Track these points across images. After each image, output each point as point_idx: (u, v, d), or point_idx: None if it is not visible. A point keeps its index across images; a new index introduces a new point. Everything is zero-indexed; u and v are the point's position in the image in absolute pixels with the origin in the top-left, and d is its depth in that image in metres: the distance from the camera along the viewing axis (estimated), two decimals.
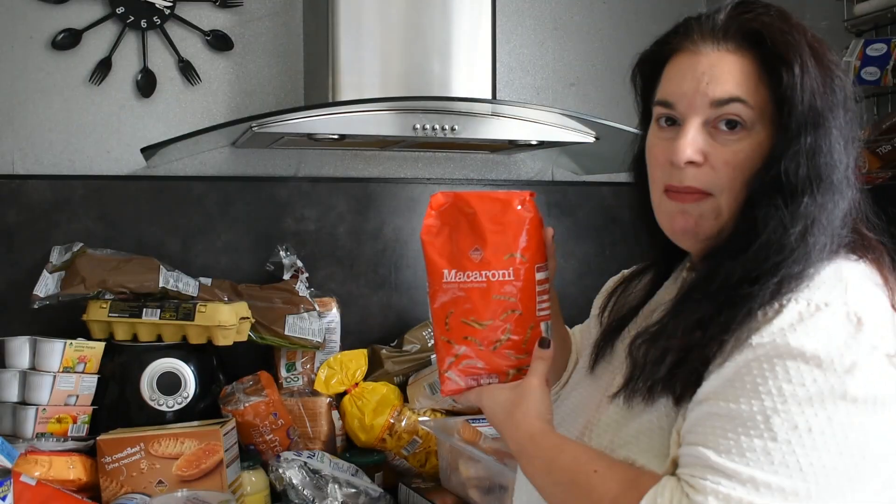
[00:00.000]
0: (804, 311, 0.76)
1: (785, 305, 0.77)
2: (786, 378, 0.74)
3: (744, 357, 0.76)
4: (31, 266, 1.79)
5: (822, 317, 0.76)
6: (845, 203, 0.83)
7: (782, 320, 0.76)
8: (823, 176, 0.82)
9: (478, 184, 2.15)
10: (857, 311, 0.76)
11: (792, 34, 0.84)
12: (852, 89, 0.86)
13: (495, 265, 0.92)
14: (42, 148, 1.87)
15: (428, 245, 0.95)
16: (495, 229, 0.92)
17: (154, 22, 1.89)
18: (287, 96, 2.01)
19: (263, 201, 1.98)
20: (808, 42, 0.84)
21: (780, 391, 0.74)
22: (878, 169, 1.64)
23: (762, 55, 0.84)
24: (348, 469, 1.68)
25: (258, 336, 1.77)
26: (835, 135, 0.82)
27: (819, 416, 0.73)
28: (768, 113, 0.83)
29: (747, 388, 0.75)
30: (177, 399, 1.66)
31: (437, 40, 1.78)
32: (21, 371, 1.62)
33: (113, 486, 1.50)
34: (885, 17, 1.69)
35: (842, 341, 0.75)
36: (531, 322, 0.93)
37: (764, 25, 0.85)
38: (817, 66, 0.83)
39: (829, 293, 0.78)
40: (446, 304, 0.93)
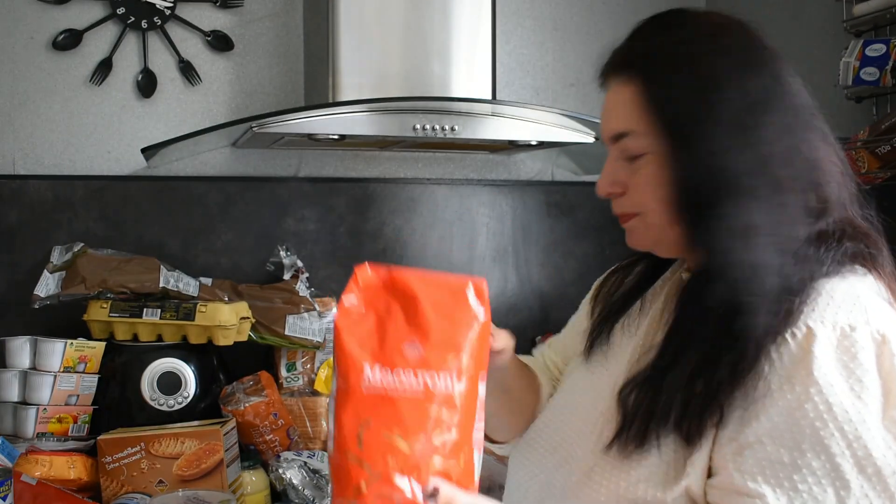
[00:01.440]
0: (834, 338, 0.76)
1: (814, 329, 0.76)
2: (845, 418, 0.74)
3: (795, 396, 0.75)
4: (31, 266, 1.79)
5: (856, 344, 0.76)
6: (788, 205, 0.81)
7: (821, 350, 0.75)
8: (717, 183, 0.80)
9: (478, 184, 2.15)
10: (880, 330, 0.76)
11: (667, 48, 0.85)
12: (760, 83, 0.83)
13: (436, 366, 0.73)
14: (43, 148, 1.87)
15: (343, 332, 0.74)
16: (441, 323, 0.75)
17: (154, 22, 1.90)
18: (287, 96, 2.01)
19: (263, 201, 1.99)
20: (687, 50, 0.84)
21: (842, 433, 0.73)
22: (877, 169, 1.64)
23: (642, 78, 0.86)
24: None
25: (258, 336, 1.78)
26: (717, 143, 0.81)
27: (886, 454, 0.73)
28: (662, 132, 0.84)
29: (807, 434, 0.74)
30: (177, 399, 1.66)
31: (437, 40, 1.78)
32: (22, 371, 1.62)
33: (113, 486, 1.50)
34: (884, 17, 1.69)
35: (874, 366, 0.75)
36: (465, 448, 0.74)
37: (641, 48, 0.87)
38: (690, 75, 0.83)
39: (851, 315, 0.77)
40: (362, 412, 0.71)
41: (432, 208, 2.10)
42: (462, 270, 2.13)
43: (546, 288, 2.18)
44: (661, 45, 0.86)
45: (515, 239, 2.17)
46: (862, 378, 0.74)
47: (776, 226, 0.80)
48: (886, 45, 1.65)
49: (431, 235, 2.11)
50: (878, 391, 0.74)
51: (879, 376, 0.75)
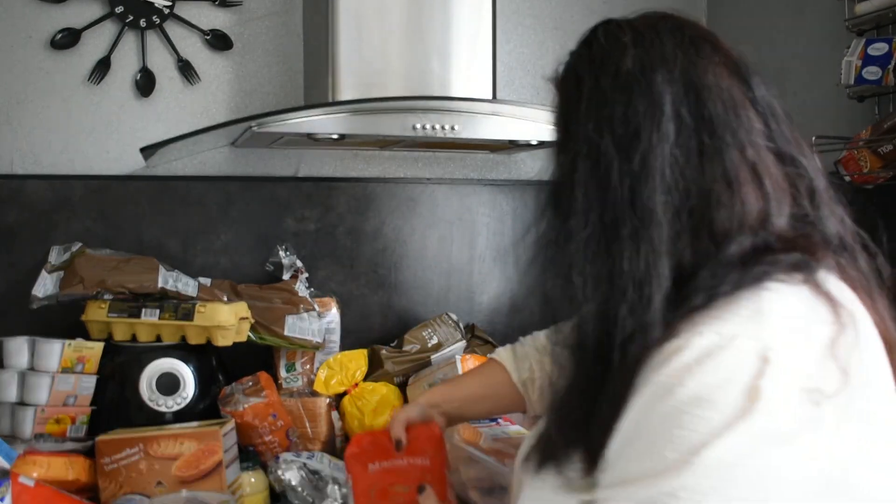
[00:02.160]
0: (708, 347, 0.72)
1: (690, 339, 0.73)
2: (679, 425, 0.70)
3: (644, 398, 0.73)
4: (30, 266, 1.78)
5: (726, 354, 0.71)
6: (574, 219, 0.81)
7: (684, 357, 0.72)
8: (558, 206, 0.84)
9: (478, 184, 2.14)
10: (767, 346, 0.71)
11: (568, 64, 0.88)
12: (630, 104, 0.81)
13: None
14: (41, 148, 1.86)
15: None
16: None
17: (153, 21, 1.89)
18: (287, 96, 2.00)
19: (263, 201, 1.98)
20: (581, 67, 0.86)
21: (673, 439, 0.70)
22: (878, 169, 1.63)
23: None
24: None
25: (258, 336, 1.77)
26: (597, 160, 0.81)
27: (708, 463, 0.68)
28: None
29: (645, 437, 0.72)
30: (176, 399, 1.65)
31: (437, 40, 1.78)
32: (19, 371, 1.61)
33: (112, 487, 1.49)
34: (886, 16, 1.68)
35: (743, 381, 0.70)
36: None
37: (561, 65, 0.89)
38: (577, 91, 0.84)
39: (739, 326, 0.72)
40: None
41: (432, 208, 2.09)
42: (462, 270, 2.13)
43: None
44: (568, 63, 0.89)
45: (515, 239, 2.16)
46: (717, 390, 0.70)
47: (571, 237, 0.81)
48: (889, 45, 1.65)
49: (431, 235, 2.10)
50: (731, 404, 0.69)
51: (742, 392, 0.69)
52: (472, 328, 2.06)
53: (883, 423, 0.75)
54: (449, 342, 1.93)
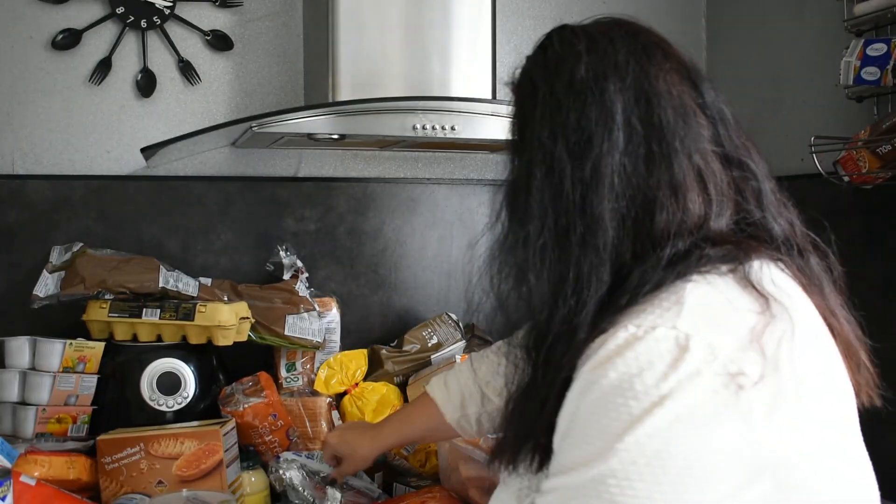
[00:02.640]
0: (629, 338, 0.73)
1: (614, 332, 0.75)
2: (605, 413, 0.72)
3: (573, 391, 0.76)
4: (31, 266, 1.78)
5: (645, 343, 0.72)
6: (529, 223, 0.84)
7: (607, 348, 0.74)
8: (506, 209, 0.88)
9: (478, 184, 2.15)
10: (687, 334, 0.72)
11: (523, 70, 0.92)
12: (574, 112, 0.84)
13: None
14: (42, 148, 1.87)
15: None
16: None
17: (154, 22, 1.89)
18: (287, 96, 2.01)
19: (263, 201, 1.98)
20: (536, 73, 0.89)
21: (601, 427, 0.72)
22: (878, 169, 1.64)
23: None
24: None
25: (258, 336, 1.77)
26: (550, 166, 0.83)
27: (632, 449, 0.70)
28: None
29: (577, 427, 0.75)
30: (177, 399, 1.66)
31: (437, 40, 1.78)
32: (21, 371, 1.61)
33: (113, 487, 1.49)
34: (885, 16, 1.68)
35: (662, 368, 0.71)
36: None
37: (517, 69, 0.93)
38: (532, 97, 0.87)
39: (659, 316, 0.74)
40: None
41: (432, 208, 2.10)
42: (462, 270, 2.13)
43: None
44: (525, 68, 0.92)
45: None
46: (637, 378, 0.71)
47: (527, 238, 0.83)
48: (887, 45, 1.65)
49: (431, 235, 2.10)
50: (651, 393, 0.70)
51: (664, 380, 0.71)
52: (471, 328, 2.06)
53: (816, 416, 0.76)
54: (449, 342, 1.94)
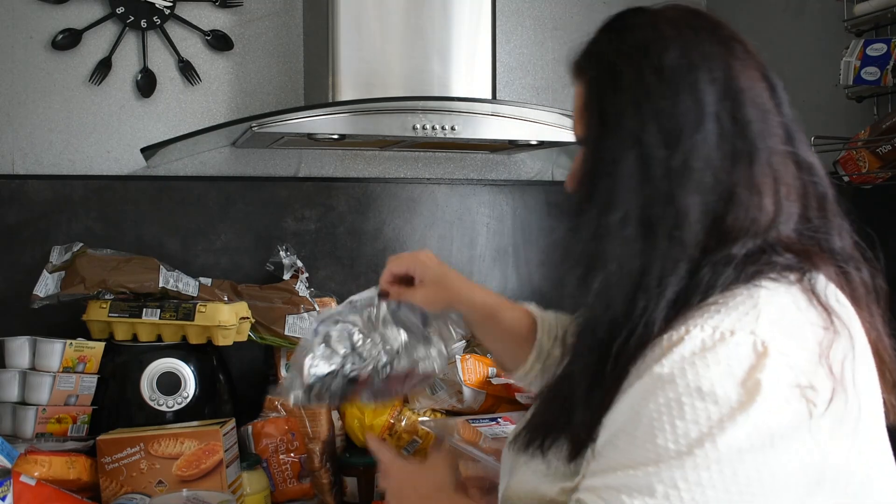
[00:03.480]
0: (707, 340, 0.73)
1: (690, 332, 0.74)
2: (680, 415, 0.71)
3: (643, 387, 0.74)
4: (31, 266, 1.78)
5: (725, 347, 0.72)
6: (611, 213, 0.80)
7: (684, 349, 0.73)
8: (601, 186, 0.82)
9: (478, 184, 2.15)
10: (764, 341, 0.72)
11: (600, 52, 0.86)
12: (680, 97, 0.80)
13: None
14: (42, 148, 1.87)
15: None
16: None
17: (154, 22, 1.89)
18: (287, 96, 2.01)
19: (263, 201, 1.98)
20: (619, 57, 0.83)
21: (673, 429, 0.71)
22: (878, 169, 1.64)
23: (586, 83, 0.87)
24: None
25: (258, 336, 1.77)
26: (641, 154, 0.79)
27: (710, 455, 0.69)
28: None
29: (643, 423, 0.73)
30: (177, 399, 1.66)
31: (437, 40, 1.78)
32: (21, 371, 1.61)
33: (113, 486, 1.49)
34: (885, 17, 1.68)
35: (741, 374, 0.70)
36: None
37: (588, 52, 0.87)
38: (616, 81, 0.82)
39: (737, 320, 0.73)
40: None
41: (432, 208, 2.10)
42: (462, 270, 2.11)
43: (546, 288, 2.17)
44: (598, 49, 0.87)
45: (515, 239, 2.16)
46: (714, 382, 0.71)
47: (610, 229, 0.80)
48: (887, 45, 1.65)
49: (431, 235, 2.10)
50: (730, 398, 0.70)
51: (741, 385, 0.70)
52: None
53: (873, 433, 0.77)
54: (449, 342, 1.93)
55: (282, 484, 1.67)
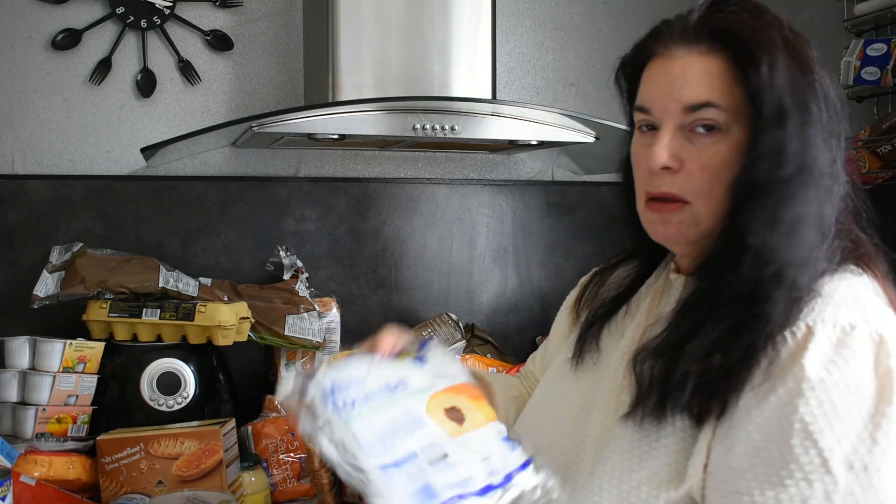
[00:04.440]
0: (833, 336, 0.76)
1: (813, 328, 0.76)
2: (834, 414, 0.73)
3: (787, 391, 0.75)
4: (31, 266, 1.79)
5: (852, 341, 0.75)
6: (831, 202, 0.82)
7: (817, 347, 0.75)
8: (796, 173, 0.80)
9: (478, 184, 2.15)
10: (878, 331, 0.76)
11: (765, 31, 0.83)
12: (833, 85, 0.84)
13: None
14: (42, 148, 1.87)
15: None
16: None
17: (154, 22, 1.89)
18: (287, 96, 2.01)
19: (263, 201, 1.98)
20: (783, 37, 0.82)
21: (831, 429, 0.73)
22: (878, 169, 1.64)
23: (733, 55, 0.82)
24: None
25: (258, 336, 1.77)
26: (810, 132, 0.80)
27: (873, 451, 0.72)
28: (744, 113, 0.82)
29: (797, 429, 0.73)
30: (177, 399, 1.66)
31: (437, 40, 1.78)
32: (21, 371, 1.61)
33: (113, 487, 1.49)
34: (885, 16, 1.69)
35: (872, 365, 0.75)
36: None
37: (733, 24, 0.83)
38: (791, 61, 0.81)
39: (851, 314, 0.77)
40: None
41: (432, 208, 2.10)
42: (462, 270, 2.13)
43: (546, 288, 2.17)
44: (753, 25, 0.83)
45: (515, 239, 2.16)
46: (857, 376, 0.74)
47: (822, 222, 0.81)
48: (887, 45, 1.65)
49: (431, 235, 2.10)
50: (871, 390, 0.74)
51: (875, 375, 0.74)
52: (472, 328, 2.06)
53: None
54: (449, 342, 1.94)
55: (282, 484, 1.67)
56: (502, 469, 0.77)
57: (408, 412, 0.80)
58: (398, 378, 0.84)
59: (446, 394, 0.84)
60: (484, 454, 0.78)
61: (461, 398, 0.84)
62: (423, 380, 0.85)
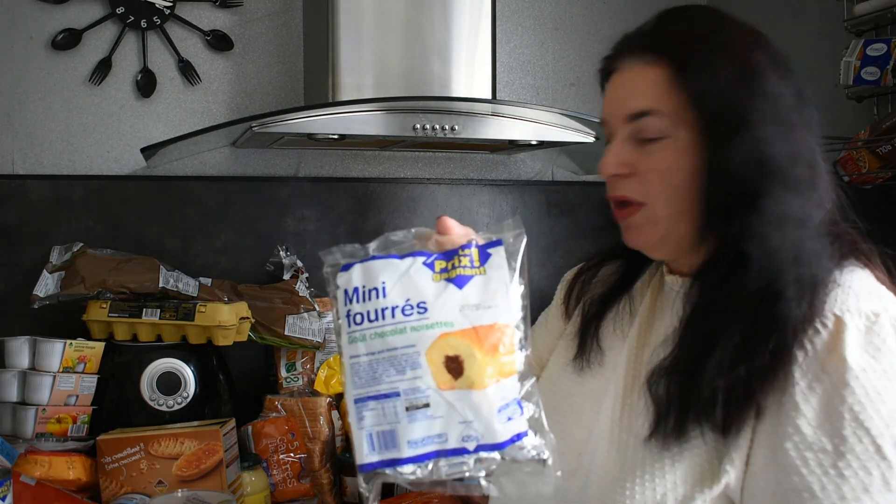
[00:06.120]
0: (861, 325, 0.78)
1: (843, 318, 0.78)
2: (879, 399, 0.75)
3: (832, 383, 0.76)
4: (31, 266, 1.78)
5: (882, 329, 0.78)
6: (811, 195, 0.83)
7: (852, 337, 0.77)
8: (756, 172, 0.81)
9: (478, 184, 2.15)
10: (893, 315, 0.79)
11: (705, 37, 0.86)
12: (786, 83, 0.84)
13: None
14: (42, 148, 1.87)
15: None
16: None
17: (154, 22, 1.89)
18: (287, 96, 2.01)
19: (263, 201, 1.98)
20: (726, 42, 0.85)
21: (879, 414, 0.74)
22: (878, 169, 1.64)
23: (674, 62, 0.85)
24: None
25: (258, 336, 1.77)
26: (760, 131, 0.81)
27: None
28: (689, 117, 0.84)
29: (847, 419, 0.75)
30: (177, 399, 1.66)
31: (437, 40, 1.78)
32: (21, 371, 1.61)
33: (113, 487, 1.50)
34: (885, 17, 1.68)
35: None
36: None
37: (675, 32, 0.87)
38: (731, 64, 0.83)
39: (871, 303, 0.79)
40: None
41: (432, 208, 2.10)
42: None
43: (546, 288, 2.17)
44: (695, 32, 0.86)
45: None
46: (892, 361, 0.76)
47: (809, 217, 0.82)
48: (887, 45, 1.65)
49: None
50: None
51: None
52: None
53: None
54: None
55: (282, 484, 1.67)
56: (479, 438, 0.72)
57: (408, 347, 0.74)
58: (421, 298, 0.76)
59: (459, 337, 0.75)
60: (465, 417, 0.73)
61: (472, 348, 0.75)
62: (447, 311, 0.76)
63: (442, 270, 0.78)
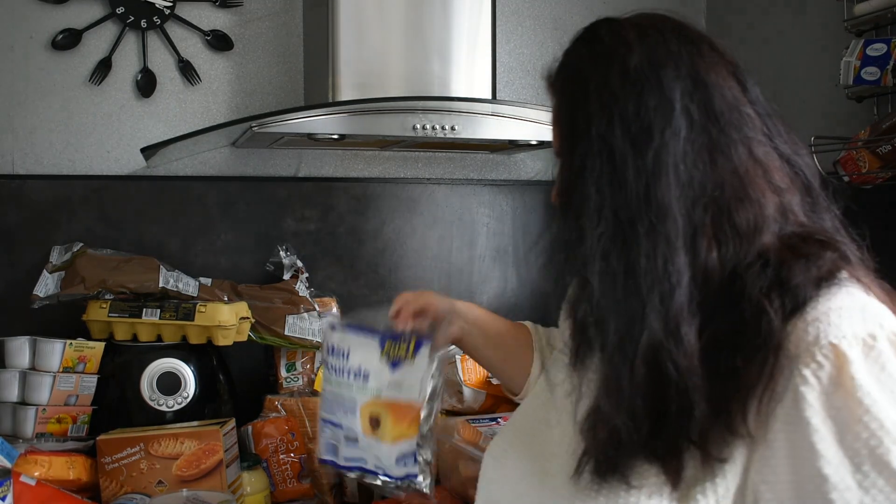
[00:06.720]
0: (861, 351, 0.74)
1: (839, 346, 0.74)
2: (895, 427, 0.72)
3: (844, 420, 0.73)
4: (31, 266, 1.78)
5: (883, 350, 0.74)
6: (659, 236, 0.77)
7: (854, 368, 0.73)
8: (581, 207, 0.81)
9: (478, 184, 2.15)
10: (894, 332, 0.76)
11: (568, 63, 0.87)
12: (689, 94, 0.80)
13: None
14: (42, 148, 1.87)
15: None
16: None
17: (154, 22, 1.89)
18: (287, 96, 2.01)
19: (263, 201, 1.98)
20: (582, 70, 0.84)
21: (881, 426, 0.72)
22: (878, 169, 1.64)
23: (554, 93, 0.89)
24: None
25: (258, 336, 1.77)
26: (589, 164, 0.80)
27: None
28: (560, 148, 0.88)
29: (865, 455, 0.72)
30: (177, 399, 1.66)
31: (437, 40, 1.78)
32: (21, 371, 1.61)
33: (113, 487, 1.50)
34: (885, 17, 1.68)
35: None
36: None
37: (556, 63, 0.89)
38: (583, 89, 0.82)
39: (866, 324, 0.75)
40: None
41: (432, 208, 2.10)
42: (462, 270, 2.13)
43: (546, 288, 2.17)
44: (566, 61, 0.88)
45: (515, 239, 2.17)
46: (894, 386, 0.73)
47: (640, 258, 0.77)
48: (887, 45, 1.65)
49: (431, 235, 2.10)
50: None
51: None
52: None
53: None
54: None
55: (282, 484, 1.67)
56: (384, 470, 1.09)
57: (352, 399, 1.10)
58: (367, 370, 1.10)
59: (381, 405, 1.08)
60: (377, 456, 1.08)
61: (388, 415, 1.07)
62: (380, 383, 1.09)
63: (386, 353, 1.09)
